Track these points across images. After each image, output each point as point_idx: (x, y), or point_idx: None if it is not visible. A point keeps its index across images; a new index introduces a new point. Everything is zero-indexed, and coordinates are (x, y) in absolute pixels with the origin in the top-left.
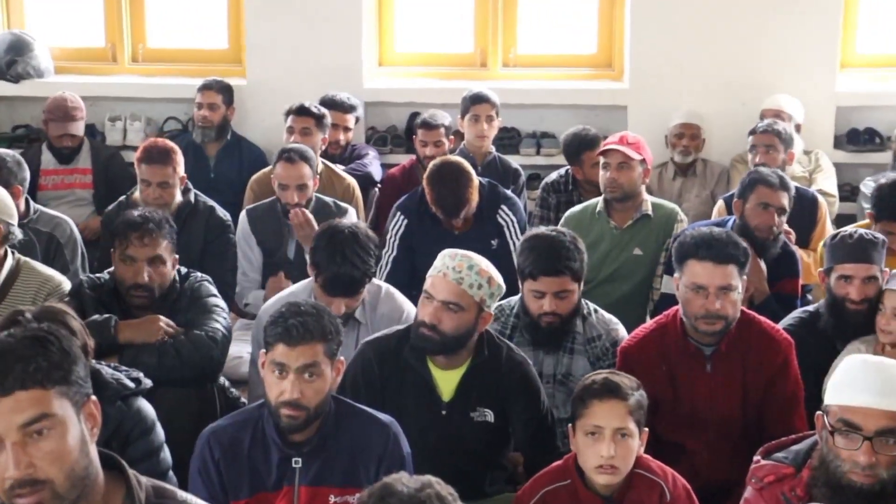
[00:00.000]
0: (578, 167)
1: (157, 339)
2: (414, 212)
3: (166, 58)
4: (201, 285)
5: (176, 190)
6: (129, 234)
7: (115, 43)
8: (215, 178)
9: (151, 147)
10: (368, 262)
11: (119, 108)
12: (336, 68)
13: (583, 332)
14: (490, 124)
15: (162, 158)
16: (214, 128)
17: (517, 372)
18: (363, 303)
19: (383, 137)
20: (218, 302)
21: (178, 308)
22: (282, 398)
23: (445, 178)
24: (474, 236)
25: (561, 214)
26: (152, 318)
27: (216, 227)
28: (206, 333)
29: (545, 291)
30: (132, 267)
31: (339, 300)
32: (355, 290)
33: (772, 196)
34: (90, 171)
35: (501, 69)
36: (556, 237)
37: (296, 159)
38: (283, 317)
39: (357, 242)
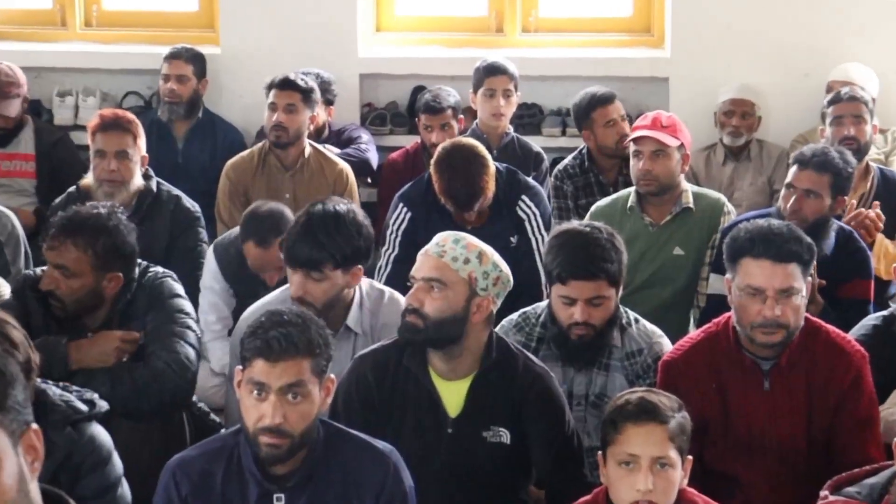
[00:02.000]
0: (590, 131)
1: (116, 358)
2: (419, 203)
3: (125, 21)
4: (163, 283)
5: (136, 168)
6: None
7: (65, 4)
8: (184, 164)
9: (109, 114)
10: (343, 249)
11: (69, 82)
12: (326, 34)
13: (621, 346)
14: (507, 100)
15: (119, 124)
16: (183, 104)
17: (536, 385)
18: (361, 308)
19: (381, 116)
20: (184, 305)
21: (134, 311)
22: (261, 423)
23: (456, 164)
24: (490, 231)
25: (581, 203)
26: (105, 335)
27: (183, 220)
28: (168, 364)
29: (576, 298)
30: (46, 270)
31: (300, 277)
32: (315, 265)
33: (799, 176)
34: (33, 158)
35: (520, 35)
36: (589, 233)
37: (270, 241)
38: (263, 327)
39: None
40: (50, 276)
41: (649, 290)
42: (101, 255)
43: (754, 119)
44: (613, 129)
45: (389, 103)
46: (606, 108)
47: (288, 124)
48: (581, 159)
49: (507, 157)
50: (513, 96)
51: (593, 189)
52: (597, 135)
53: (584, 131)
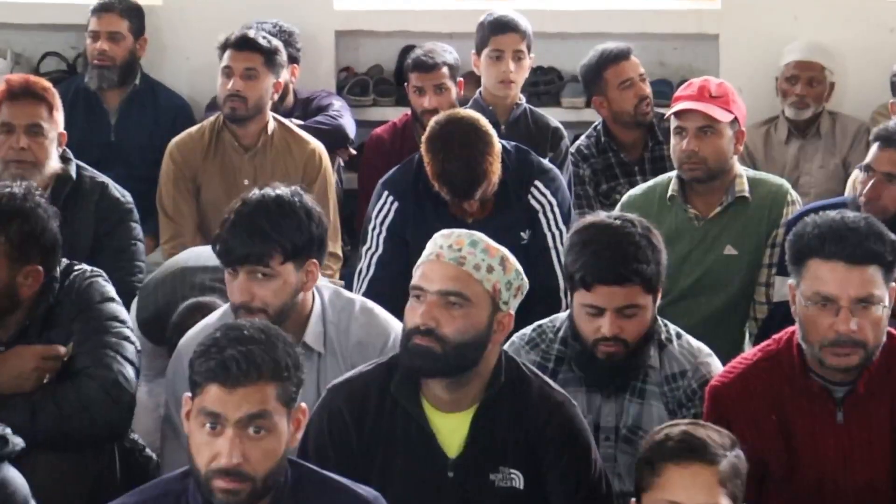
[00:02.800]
0: (602, 97)
1: (33, 385)
2: (408, 191)
3: None
4: (92, 284)
5: (52, 147)
6: None
7: None
8: (118, 142)
9: (18, 80)
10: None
11: None
12: None
13: (659, 368)
14: (518, 63)
15: (32, 93)
16: (116, 68)
17: (555, 417)
18: (324, 321)
19: (362, 82)
20: (118, 311)
21: (57, 319)
22: (216, 464)
23: (452, 142)
24: (496, 225)
25: (602, 189)
26: (21, 351)
27: (111, 212)
28: (101, 384)
29: (604, 307)
30: None
31: (243, 278)
32: (259, 258)
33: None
34: None
35: None
36: (619, 228)
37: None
38: (217, 345)
39: (280, 208)
40: None
41: (695, 299)
42: (15, 244)
43: (824, 86)
44: (631, 91)
45: (372, 67)
46: (620, 66)
47: (246, 93)
48: (596, 136)
49: (518, 133)
50: (525, 59)
51: (615, 171)
52: (611, 100)
53: (596, 98)
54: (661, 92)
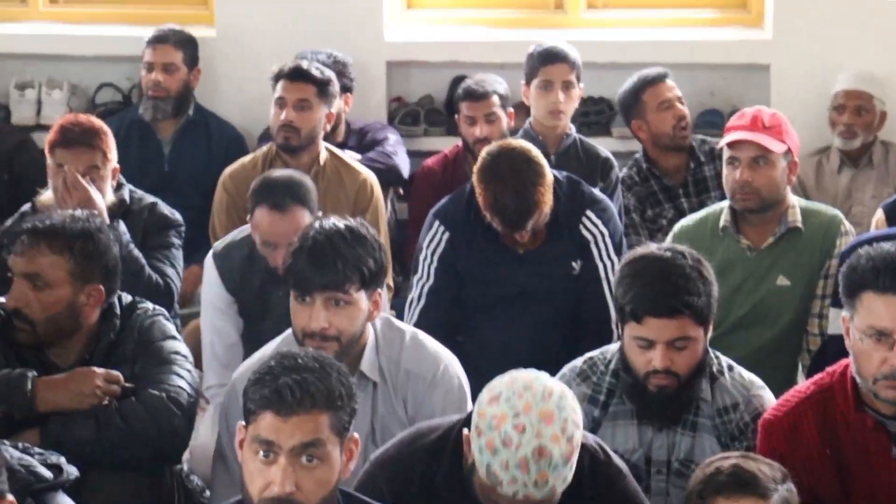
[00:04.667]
0: (641, 120)
1: (93, 403)
2: (460, 221)
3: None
4: (154, 323)
5: (106, 186)
6: (9, 243)
7: None
8: (172, 172)
9: (70, 125)
10: (368, 262)
11: (30, 71)
12: (344, 12)
13: (711, 400)
14: (568, 93)
15: (86, 139)
16: (171, 99)
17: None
18: (377, 351)
19: (414, 113)
20: (178, 347)
21: (119, 355)
22: (269, 492)
23: (504, 172)
24: (548, 255)
25: (648, 215)
26: (83, 371)
27: (157, 224)
28: (165, 394)
29: (655, 340)
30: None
31: (321, 306)
32: (339, 285)
33: None
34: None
35: (585, 13)
36: (670, 259)
37: (286, 205)
38: (272, 373)
39: (353, 236)
40: (17, 291)
41: (747, 331)
42: (79, 261)
43: (874, 115)
44: (669, 113)
45: (423, 98)
46: (657, 88)
47: (299, 124)
48: (637, 165)
49: (569, 163)
50: (575, 89)
51: (658, 197)
52: (649, 122)
53: (635, 122)
54: (711, 122)
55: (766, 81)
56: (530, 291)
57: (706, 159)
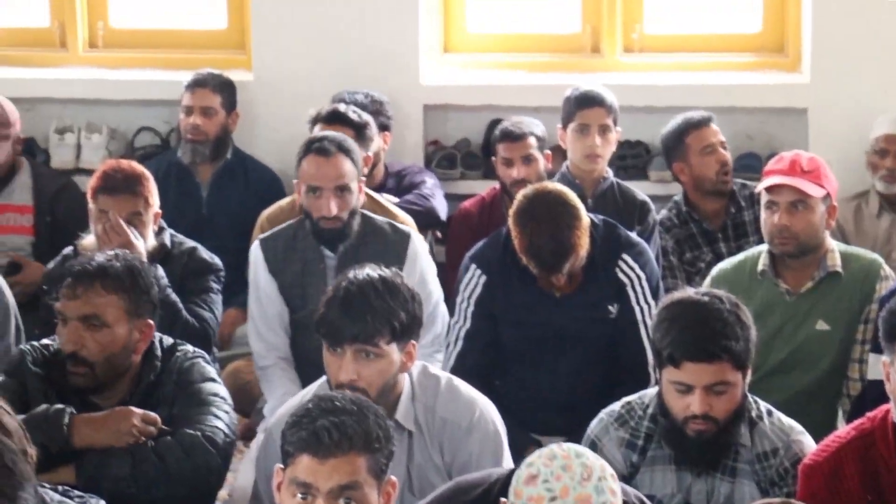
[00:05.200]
0: (683, 163)
1: (130, 441)
2: (496, 264)
3: (137, 42)
4: (194, 365)
5: (148, 231)
6: (61, 284)
7: (65, 21)
8: (210, 215)
9: (113, 171)
10: (400, 315)
11: (70, 115)
12: (381, 56)
13: (750, 445)
14: (604, 137)
15: (129, 186)
16: (209, 143)
17: None
18: (413, 400)
19: (450, 156)
20: (217, 389)
21: (159, 396)
22: None
23: (540, 215)
24: (584, 299)
25: (687, 258)
26: (121, 410)
27: (196, 268)
28: (201, 433)
29: (693, 384)
30: (63, 329)
31: (350, 357)
32: (369, 338)
33: None
34: (30, 210)
35: (621, 56)
36: (707, 304)
37: (331, 151)
38: (310, 416)
39: (386, 287)
40: (73, 334)
41: (786, 375)
42: (132, 297)
43: None
44: (712, 157)
45: (460, 141)
46: (702, 132)
47: None
48: (677, 207)
49: (606, 206)
50: (611, 132)
51: (697, 240)
52: (692, 165)
53: (677, 164)
54: (749, 165)
55: (803, 125)
56: (567, 335)
57: (746, 204)
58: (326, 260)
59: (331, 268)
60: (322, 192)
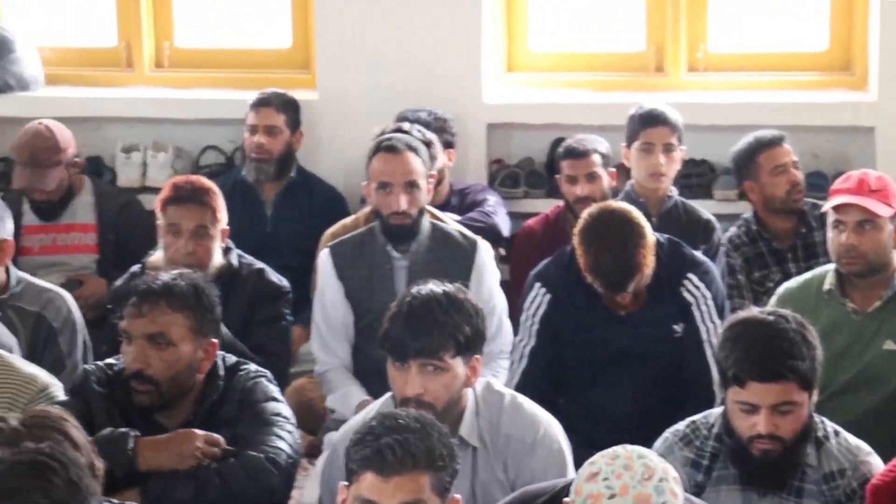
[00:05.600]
0: (754, 182)
1: (193, 464)
2: (561, 283)
3: (203, 62)
4: (257, 384)
5: (215, 245)
6: (127, 303)
7: (131, 41)
8: (273, 233)
9: (182, 184)
10: (465, 329)
11: (136, 134)
12: (445, 75)
13: (817, 465)
14: (669, 156)
15: (197, 197)
16: (273, 161)
17: None
18: (477, 416)
19: (514, 175)
20: (280, 409)
21: (221, 416)
22: None
23: (605, 234)
24: (649, 318)
25: (755, 277)
26: (184, 433)
27: (266, 293)
28: (264, 455)
29: (759, 404)
30: (128, 347)
31: (416, 372)
32: (434, 352)
33: None
34: (94, 228)
35: (686, 75)
36: (773, 323)
37: (400, 148)
38: (374, 433)
39: (451, 302)
40: (139, 353)
41: (853, 395)
42: (197, 316)
43: None
44: (784, 178)
45: (523, 159)
46: (774, 151)
47: None
48: (747, 225)
49: (670, 225)
50: (676, 151)
51: (766, 260)
52: (763, 185)
53: (748, 182)
54: (815, 184)
55: (871, 144)
56: (631, 354)
57: (817, 224)
58: (394, 261)
59: (398, 269)
60: (392, 188)
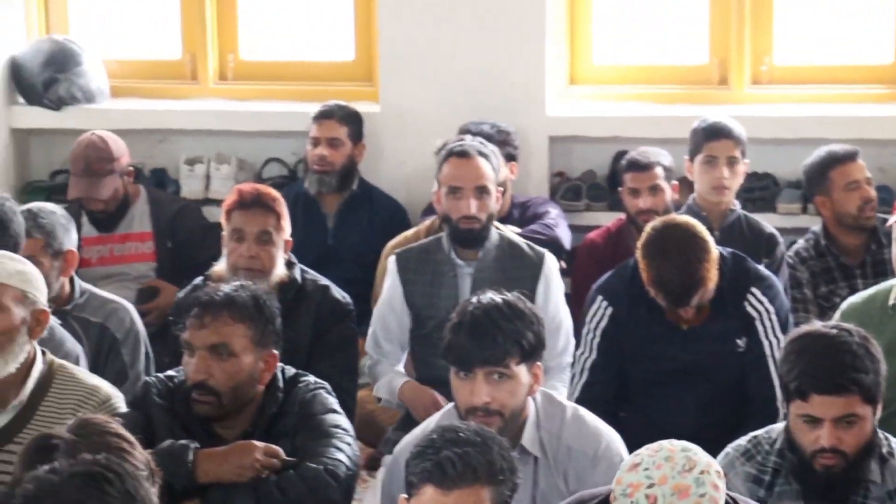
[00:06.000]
0: (826, 197)
1: (252, 476)
2: (623, 296)
3: (266, 74)
4: (316, 396)
5: (278, 254)
6: (188, 314)
7: (196, 53)
8: (335, 245)
9: (247, 190)
10: (528, 336)
11: (200, 146)
12: (507, 88)
13: (881, 482)
14: (733, 169)
15: (261, 202)
16: (336, 173)
17: None
18: (538, 426)
19: (575, 188)
20: (339, 420)
21: (281, 428)
22: None
23: (669, 247)
24: (712, 332)
25: (821, 292)
26: (244, 445)
27: (332, 313)
28: (323, 467)
29: (822, 417)
30: (190, 358)
31: (482, 380)
32: (500, 360)
33: None
34: (150, 236)
35: (750, 88)
36: (836, 337)
37: (471, 153)
38: (434, 447)
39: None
40: (201, 364)
41: None
42: (258, 327)
43: None
44: (856, 194)
45: (585, 172)
46: (847, 167)
47: None
48: (815, 239)
49: (733, 239)
50: (739, 164)
51: (833, 275)
52: (834, 201)
53: (819, 197)
54: (881, 199)
55: None
56: (694, 368)
57: (887, 241)
58: (459, 269)
59: (463, 277)
60: (462, 193)
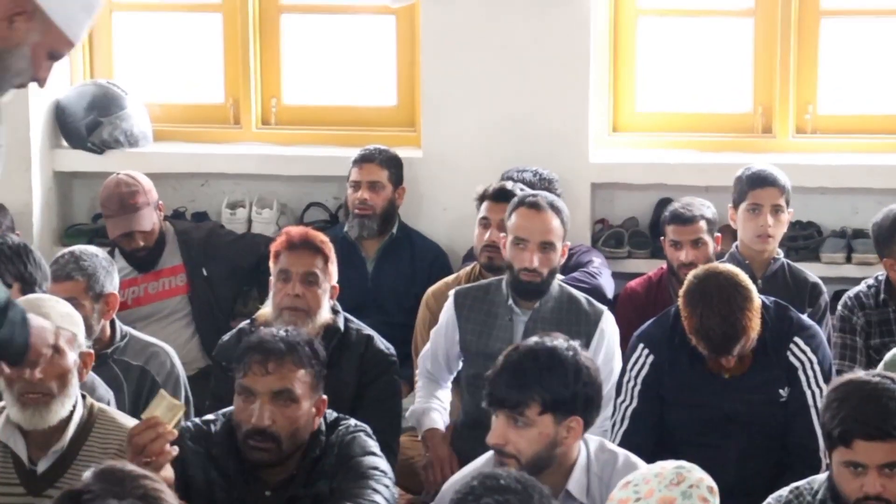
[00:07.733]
0: (894, 260)
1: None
2: (664, 345)
3: (309, 119)
4: (355, 439)
5: (324, 297)
6: (247, 359)
7: (238, 98)
8: (374, 289)
9: (297, 231)
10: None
11: (242, 190)
12: (550, 135)
13: None
14: (776, 217)
15: (309, 243)
16: (376, 217)
17: None
18: (588, 472)
19: (617, 235)
20: (378, 463)
21: (320, 470)
22: None
23: (711, 296)
24: (754, 382)
25: (873, 343)
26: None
27: (376, 364)
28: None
29: (866, 464)
30: (249, 404)
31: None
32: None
33: None
34: (182, 269)
35: (794, 137)
36: (879, 384)
37: (542, 206)
38: (475, 493)
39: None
40: (264, 410)
41: None
42: (315, 373)
43: None
44: None
45: (627, 220)
46: None
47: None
48: (877, 287)
49: (776, 288)
50: (783, 213)
51: (891, 327)
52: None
53: (886, 259)
54: None
55: None
56: (735, 418)
57: None
58: (514, 315)
59: (518, 323)
60: (527, 245)
